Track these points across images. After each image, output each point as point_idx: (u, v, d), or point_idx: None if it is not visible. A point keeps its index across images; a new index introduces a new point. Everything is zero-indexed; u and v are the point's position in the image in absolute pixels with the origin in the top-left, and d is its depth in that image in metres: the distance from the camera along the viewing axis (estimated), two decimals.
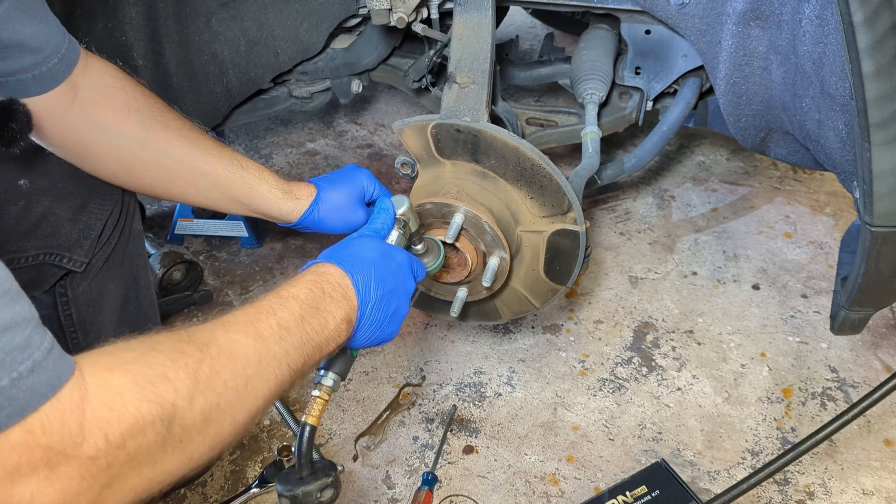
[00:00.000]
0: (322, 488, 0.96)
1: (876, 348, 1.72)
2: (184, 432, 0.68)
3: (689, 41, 1.40)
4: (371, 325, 0.98)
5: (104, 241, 1.17)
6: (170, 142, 1.11)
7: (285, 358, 0.82)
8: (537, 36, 3.01)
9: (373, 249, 1.03)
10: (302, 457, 0.97)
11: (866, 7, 0.89)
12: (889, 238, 1.06)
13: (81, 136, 1.06)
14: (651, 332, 1.80)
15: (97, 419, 0.60)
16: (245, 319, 0.81)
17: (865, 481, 1.45)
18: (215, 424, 0.72)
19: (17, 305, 0.58)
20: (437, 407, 1.64)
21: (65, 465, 0.58)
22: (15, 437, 0.55)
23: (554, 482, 1.48)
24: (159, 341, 0.70)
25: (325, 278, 0.94)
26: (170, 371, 0.67)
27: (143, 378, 0.65)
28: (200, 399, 0.69)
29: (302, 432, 0.98)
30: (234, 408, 0.74)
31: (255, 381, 0.77)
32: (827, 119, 1.16)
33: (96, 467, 0.60)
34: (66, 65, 0.99)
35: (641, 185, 2.29)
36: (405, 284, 1.05)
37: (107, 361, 0.64)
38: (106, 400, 0.61)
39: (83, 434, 0.59)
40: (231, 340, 0.76)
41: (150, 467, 0.66)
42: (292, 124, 2.66)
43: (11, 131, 0.92)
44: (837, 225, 2.09)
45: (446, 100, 1.34)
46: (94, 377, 0.61)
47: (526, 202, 1.34)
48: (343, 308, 0.93)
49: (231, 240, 2.12)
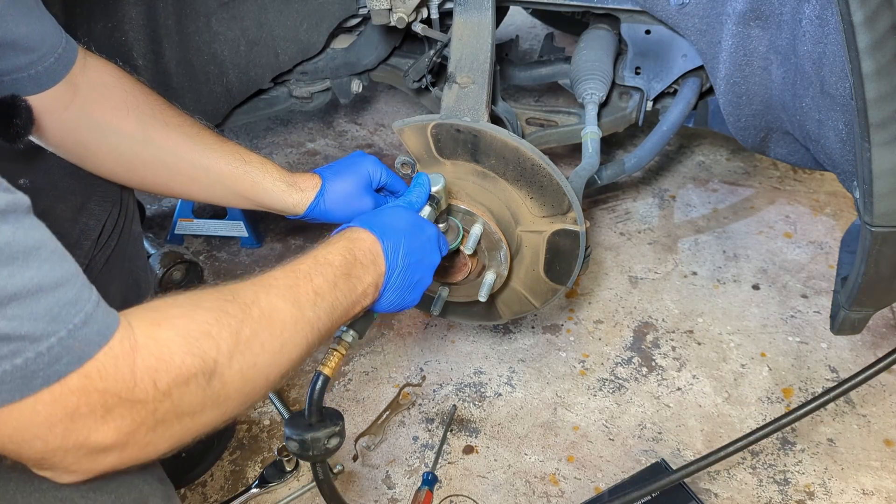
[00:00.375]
0: (330, 436, 0.99)
1: (876, 348, 1.72)
2: (222, 388, 0.73)
3: (689, 41, 1.40)
4: (396, 291, 1.03)
5: (103, 242, 1.17)
6: (170, 138, 1.11)
7: (317, 323, 0.87)
8: (537, 36, 3.01)
9: (405, 220, 1.08)
10: (313, 404, 0.99)
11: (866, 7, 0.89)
12: (889, 238, 1.06)
13: (81, 135, 1.05)
14: (651, 332, 1.80)
15: (147, 368, 0.65)
16: (285, 283, 0.86)
17: (865, 481, 1.45)
18: (251, 383, 0.77)
19: (65, 263, 0.64)
20: (437, 407, 1.64)
21: (119, 407, 0.64)
22: (74, 382, 0.61)
23: (554, 482, 1.48)
24: (205, 298, 0.75)
25: (358, 245, 0.99)
26: (213, 329, 0.72)
27: (188, 333, 0.70)
28: (239, 358, 0.74)
29: (315, 380, 1.00)
30: (268, 368, 0.79)
31: (290, 345, 0.82)
32: (827, 119, 1.16)
33: (146, 411, 0.66)
34: (63, 64, 0.99)
35: (641, 185, 2.29)
36: (431, 257, 1.11)
37: (154, 316, 0.69)
38: (154, 351, 0.66)
39: (135, 380, 0.64)
40: (271, 304, 0.81)
41: (190, 417, 0.71)
42: (292, 124, 2.66)
43: (15, 127, 0.92)
44: (837, 225, 2.09)
45: (446, 100, 1.34)
46: (142, 330, 0.67)
47: (526, 202, 1.34)
48: (371, 273, 0.99)
49: (231, 240, 2.12)
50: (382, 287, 1.01)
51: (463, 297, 1.46)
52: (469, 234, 1.30)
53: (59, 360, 0.60)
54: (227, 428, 1.58)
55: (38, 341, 0.59)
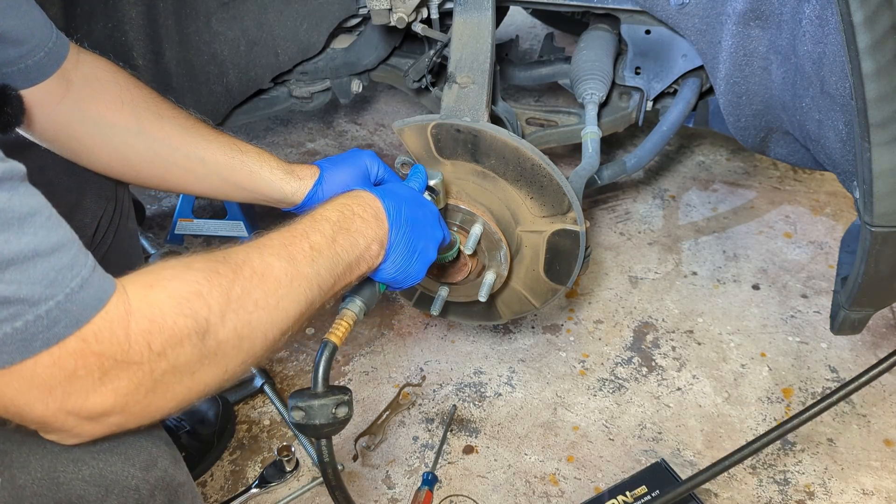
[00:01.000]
0: (338, 404, 0.92)
1: (876, 348, 1.72)
2: (218, 347, 0.73)
3: (689, 41, 1.40)
4: (400, 255, 1.02)
5: (98, 240, 1.16)
6: (165, 130, 1.10)
7: (316, 279, 0.87)
8: (537, 36, 3.01)
9: (407, 190, 1.10)
10: (319, 373, 0.93)
11: (866, 7, 0.89)
12: (889, 238, 1.06)
13: (75, 130, 1.05)
14: (651, 332, 1.80)
15: (141, 330, 0.67)
16: (279, 242, 0.86)
17: (865, 481, 1.45)
18: (248, 340, 0.77)
19: (61, 229, 0.65)
20: (437, 407, 1.64)
21: (115, 369, 0.66)
22: (71, 345, 0.63)
23: (554, 482, 1.48)
24: (196, 260, 0.76)
25: (356, 200, 0.99)
26: (204, 288, 0.73)
27: (179, 294, 0.71)
28: (232, 316, 0.75)
29: (323, 348, 0.95)
30: (265, 325, 0.79)
31: (286, 301, 0.82)
32: (827, 119, 1.16)
33: (142, 372, 0.67)
34: (53, 59, 0.99)
35: (641, 185, 2.29)
36: (433, 229, 1.10)
37: (147, 279, 0.71)
38: (147, 313, 0.68)
39: (129, 342, 0.66)
40: (264, 262, 0.81)
41: (189, 377, 0.72)
42: (292, 124, 2.66)
43: (7, 116, 0.92)
44: (837, 225, 2.09)
45: (446, 100, 1.34)
46: (136, 293, 0.68)
47: (526, 202, 1.34)
48: (373, 228, 0.98)
49: (231, 240, 2.12)
50: (387, 247, 1.00)
51: (463, 297, 1.46)
52: (469, 234, 1.30)
53: (57, 324, 0.62)
54: (228, 428, 1.58)
55: (36, 305, 0.61)
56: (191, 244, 2.13)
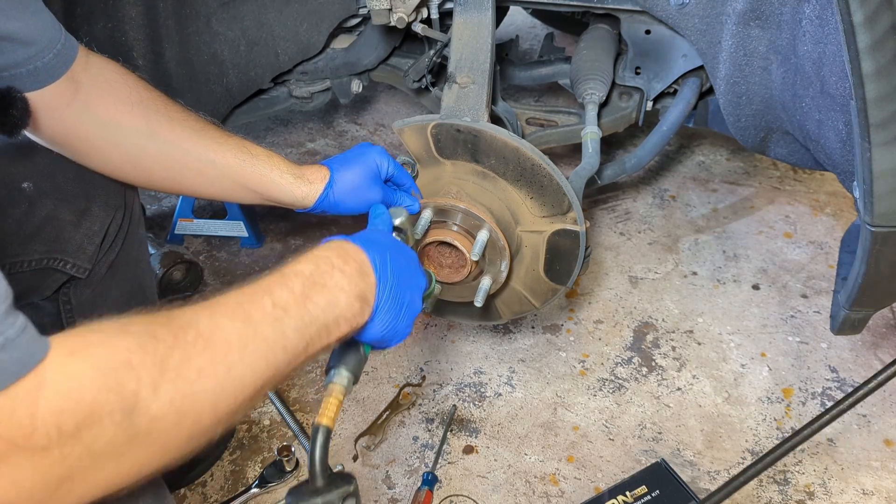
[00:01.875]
0: (343, 498, 0.81)
1: (876, 348, 1.72)
2: (151, 424, 0.62)
3: (689, 41, 1.40)
4: (388, 311, 0.91)
5: (107, 247, 1.16)
6: (175, 132, 1.09)
7: (281, 341, 0.75)
8: (537, 36, 3.01)
9: (385, 236, 1.00)
10: (316, 464, 0.81)
11: (866, 7, 0.89)
12: (889, 238, 1.06)
13: (85, 132, 1.05)
14: (651, 332, 1.80)
15: (50, 408, 0.56)
16: (235, 300, 0.75)
17: (865, 481, 1.45)
18: (191, 414, 0.66)
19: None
20: (437, 407, 1.64)
21: (15, 456, 0.55)
22: None
23: (554, 482, 1.48)
24: (134, 323, 0.65)
25: (336, 252, 0.86)
26: (135, 357, 0.62)
27: (104, 364, 0.60)
28: (168, 388, 0.63)
29: (315, 436, 0.82)
30: (212, 396, 0.68)
31: (240, 367, 0.70)
32: (827, 119, 1.16)
33: (49, 459, 0.56)
34: (62, 60, 0.98)
35: (641, 185, 2.29)
36: (417, 278, 1.00)
37: (73, 344, 0.60)
38: (62, 388, 0.57)
39: (34, 424, 0.55)
40: (213, 324, 0.70)
41: (114, 461, 0.61)
42: (292, 124, 2.66)
43: (12, 118, 0.91)
44: (837, 225, 2.09)
45: (446, 100, 1.34)
46: (54, 361, 0.58)
47: (526, 202, 1.34)
48: (357, 284, 0.85)
49: (231, 240, 2.12)
50: (375, 305, 0.88)
51: (456, 298, 1.46)
52: (475, 240, 1.29)
53: None
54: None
55: None
56: (191, 244, 2.13)
